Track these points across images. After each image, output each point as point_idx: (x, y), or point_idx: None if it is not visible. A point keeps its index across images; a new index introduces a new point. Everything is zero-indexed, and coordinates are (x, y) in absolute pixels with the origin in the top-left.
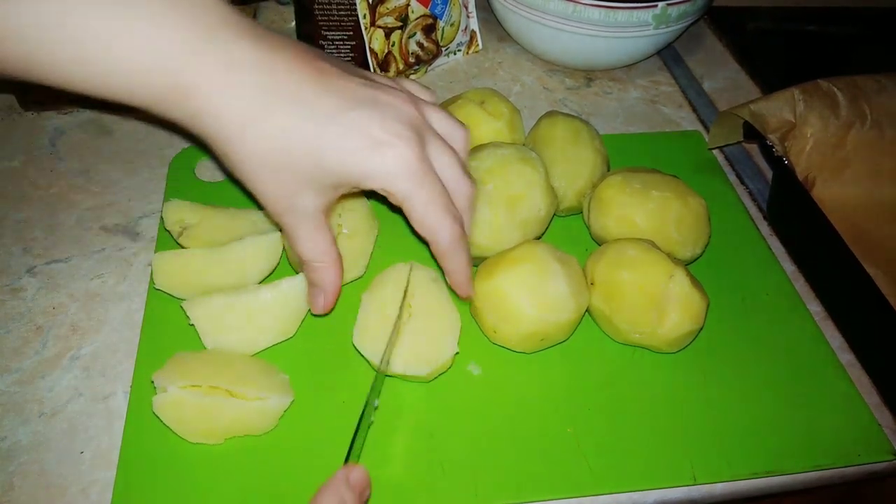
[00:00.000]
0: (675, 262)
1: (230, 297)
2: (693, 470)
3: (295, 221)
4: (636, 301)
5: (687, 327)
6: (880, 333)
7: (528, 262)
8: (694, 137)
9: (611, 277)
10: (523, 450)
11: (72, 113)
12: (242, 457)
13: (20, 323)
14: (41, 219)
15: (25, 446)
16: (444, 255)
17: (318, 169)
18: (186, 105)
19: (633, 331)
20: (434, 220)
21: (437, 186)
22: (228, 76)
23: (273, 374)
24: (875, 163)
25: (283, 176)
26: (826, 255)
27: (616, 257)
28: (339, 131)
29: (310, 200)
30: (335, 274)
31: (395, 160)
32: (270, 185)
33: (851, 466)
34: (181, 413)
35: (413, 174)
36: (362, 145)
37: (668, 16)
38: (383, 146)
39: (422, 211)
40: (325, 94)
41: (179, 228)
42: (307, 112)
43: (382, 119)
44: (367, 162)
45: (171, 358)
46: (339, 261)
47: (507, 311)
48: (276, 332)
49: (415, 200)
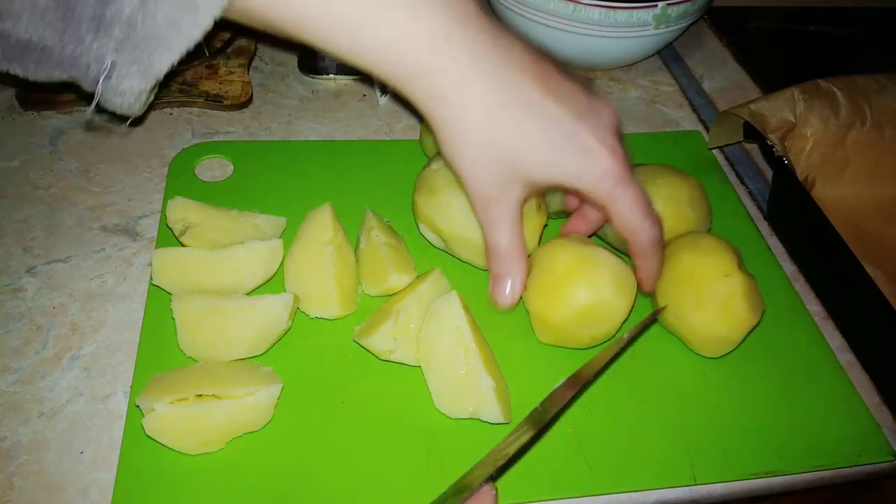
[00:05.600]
0: (741, 270)
1: (211, 300)
2: (693, 470)
3: (499, 212)
4: (683, 281)
5: (720, 331)
6: (880, 334)
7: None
8: (694, 137)
9: (673, 253)
10: None
11: (72, 113)
12: (244, 453)
13: (20, 323)
14: (41, 219)
15: (25, 446)
16: (643, 254)
17: (536, 169)
18: (428, 86)
19: (671, 311)
20: (637, 220)
21: (639, 190)
22: (472, 66)
23: (255, 368)
24: (875, 163)
25: (498, 168)
26: (826, 255)
27: (689, 240)
28: (561, 136)
29: (515, 195)
30: (525, 267)
31: (604, 168)
32: (483, 175)
33: (851, 467)
34: (175, 429)
35: (619, 179)
36: (580, 151)
37: (668, 16)
38: (594, 155)
39: (626, 212)
40: (551, 97)
41: (182, 227)
42: (536, 114)
43: (595, 128)
44: (580, 166)
45: (149, 380)
46: (526, 256)
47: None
48: (247, 345)
49: (620, 202)
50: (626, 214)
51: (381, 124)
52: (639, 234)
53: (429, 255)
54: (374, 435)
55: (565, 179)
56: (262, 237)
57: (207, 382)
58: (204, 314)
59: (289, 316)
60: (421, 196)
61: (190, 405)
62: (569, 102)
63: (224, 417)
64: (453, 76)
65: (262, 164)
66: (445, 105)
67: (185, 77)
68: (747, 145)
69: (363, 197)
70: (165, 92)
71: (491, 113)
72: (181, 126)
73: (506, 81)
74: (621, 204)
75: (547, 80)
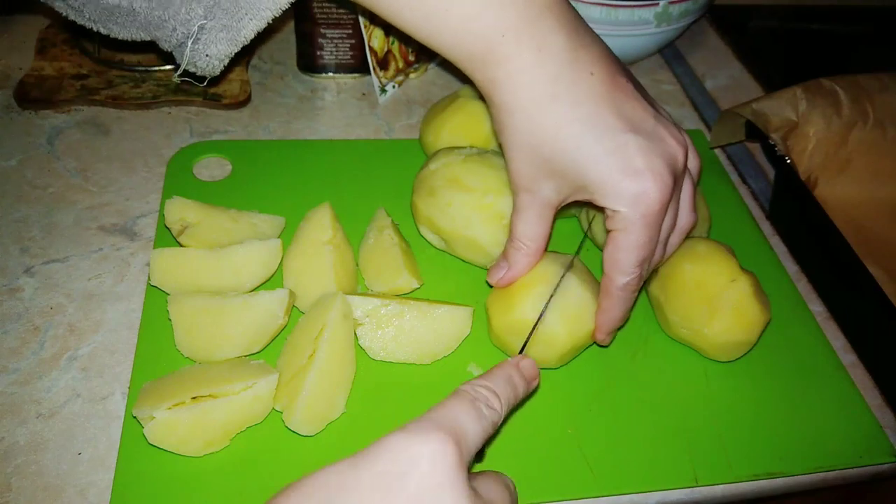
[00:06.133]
0: (744, 271)
1: (207, 299)
2: (695, 471)
3: (527, 201)
4: (691, 294)
5: (737, 336)
6: (883, 334)
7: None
8: (696, 136)
9: (673, 266)
10: (524, 451)
11: (69, 112)
12: (248, 448)
13: (18, 323)
14: (38, 218)
15: (23, 447)
16: (608, 296)
17: (570, 170)
18: (492, 71)
19: (681, 325)
20: (627, 263)
21: (654, 237)
22: (536, 58)
23: (247, 363)
24: (877, 162)
25: (536, 160)
26: (828, 255)
27: (685, 250)
28: (604, 146)
29: (547, 191)
30: (529, 262)
31: (640, 191)
32: (523, 163)
33: (853, 468)
34: (178, 433)
35: (647, 214)
36: (620, 168)
37: (669, 14)
38: (637, 176)
39: (625, 249)
40: (609, 107)
41: (180, 227)
42: (584, 117)
43: (649, 152)
44: (617, 184)
45: (140, 389)
46: (540, 254)
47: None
48: (244, 343)
49: (629, 237)
50: (623, 251)
51: (380, 124)
52: (618, 277)
53: (428, 256)
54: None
55: (597, 193)
56: (261, 237)
57: (202, 383)
58: (200, 314)
59: (285, 312)
60: (420, 197)
61: (190, 408)
62: (628, 115)
63: (225, 415)
64: (512, 67)
65: (261, 163)
66: (503, 92)
67: None
68: (749, 144)
69: (362, 196)
70: (164, 91)
71: (538, 103)
72: (179, 125)
73: (567, 78)
74: (629, 239)
75: (614, 88)
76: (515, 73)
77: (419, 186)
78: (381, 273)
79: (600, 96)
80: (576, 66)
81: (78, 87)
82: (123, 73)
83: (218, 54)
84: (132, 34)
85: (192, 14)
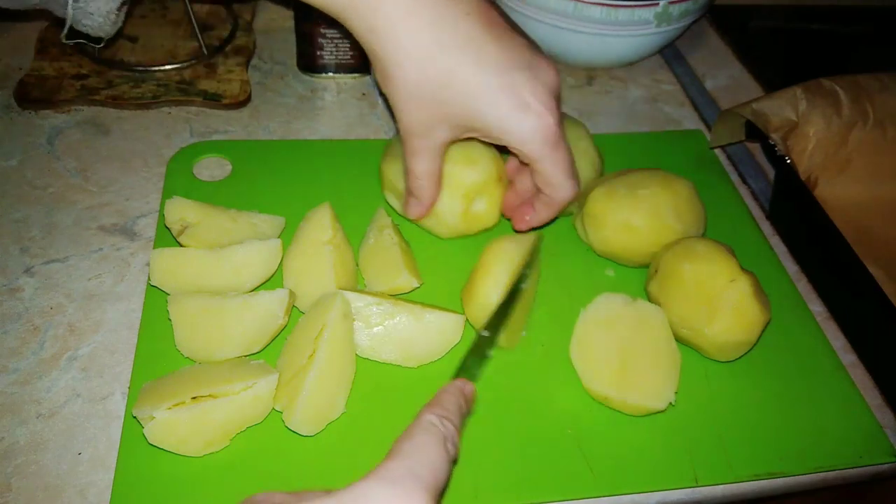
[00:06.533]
0: (744, 271)
1: (207, 300)
2: (695, 472)
3: (421, 145)
4: (690, 295)
5: (737, 336)
6: (883, 334)
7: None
8: (696, 136)
9: (673, 266)
10: (524, 452)
11: (69, 112)
12: (247, 448)
13: (18, 323)
14: (38, 218)
15: (23, 447)
16: (548, 207)
17: (464, 112)
18: (369, 19)
19: (681, 325)
20: (561, 180)
21: (567, 150)
22: (413, 4)
23: (247, 363)
24: (877, 162)
25: (430, 107)
26: (828, 255)
27: (684, 249)
28: (496, 85)
29: (441, 133)
30: (433, 192)
31: (536, 125)
32: (414, 112)
33: (853, 468)
34: (178, 434)
35: (548, 139)
36: (512, 104)
37: (669, 14)
38: (527, 110)
39: (552, 172)
40: (494, 47)
41: (180, 227)
42: (473, 59)
43: (535, 84)
44: (510, 120)
45: (140, 389)
46: (440, 183)
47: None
48: (244, 343)
49: (546, 162)
50: (550, 174)
51: (380, 123)
52: (559, 192)
53: (428, 256)
54: (374, 422)
55: (494, 131)
56: (261, 237)
57: (202, 383)
58: (200, 314)
59: (285, 311)
60: (386, 163)
61: (190, 408)
62: (509, 52)
63: (225, 415)
64: (389, 11)
65: (261, 163)
66: (381, 40)
67: (183, 76)
68: (749, 144)
69: (362, 196)
70: (164, 91)
71: (425, 52)
72: (179, 125)
73: (447, 22)
74: (547, 163)
75: (490, 26)
76: (396, 21)
77: (387, 153)
78: (381, 273)
79: (481, 36)
80: (453, 10)
81: (78, 87)
82: (123, 73)
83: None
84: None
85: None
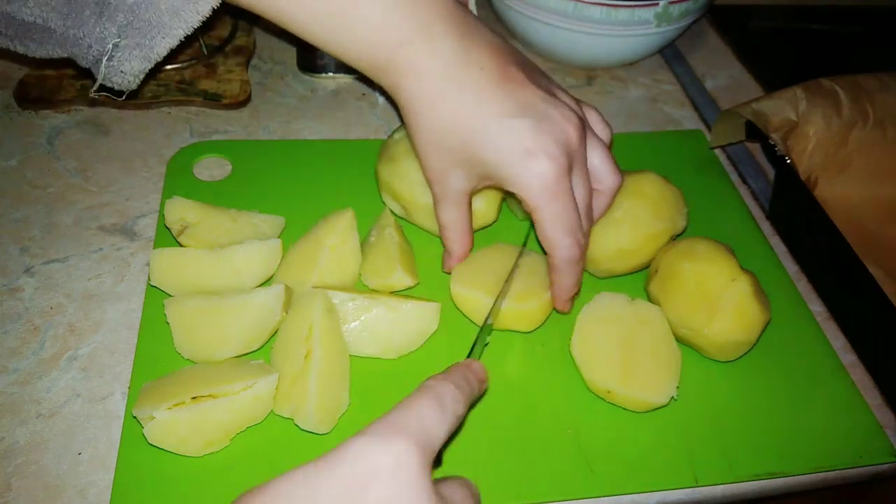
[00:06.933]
0: (744, 271)
1: (204, 300)
2: (695, 472)
3: (441, 192)
4: (690, 294)
5: (737, 336)
6: (883, 334)
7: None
8: (696, 136)
9: (673, 266)
10: (524, 452)
11: (69, 112)
12: (247, 448)
13: (18, 323)
14: (38, 218)
15: (23, 447)
16: (556, 270)
17: (472, 158)
18: (394, 77)
19: (681, 325)
20: (556, 237)
21: (568, 207)
22: (429, 61)
23: (245, 363)
24: (877, 162)
25: (443, 153)
26: (828, 255)
27: (685, 249)
28: (497, 131)
29: (458, 180)
30: (461, 244)
31: (536, 172)
32: (432, 158)
33: (853, 468)
34: (178, 433)
35: (547, 190)
36: (513, 151)
37: (669, 14)
38: (529, 157)
39: (547, 226)
40: (501, 95)
41: (180, 227)
42: (476, 106)
43: (539, 133)
44: (512, 167)
45: (140, 389)
46: (468, 234)
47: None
48: (243, 341)
49: (544, 213)
50: (547, 227)
51: (380, 123)
52: (555, 251)
53: (429, 256)
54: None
55: (501, 178)
56: (261, 237)
57: (202, 383)
58: (198, 315)
59: (281, 307)
60: (382, 164)
61: (190, 408)
62: (519, 103)
63: (225, 415)
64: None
65: (261, 163)
66: (406, 96)
67: (183, 76)
68: (749, 144)
69: (362, 196)
70: (164, 91)
71: (442, 98)
72: (179, 125)
73: (457, 76)
74: (544, 215)
75: (503, 80)
76: (414, 76)
77: (382, 154)
78: (377, 270)
79: (490, 88)
80: (466, 65)
81: (78, 87)
82: None
83: (132, 70)
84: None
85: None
